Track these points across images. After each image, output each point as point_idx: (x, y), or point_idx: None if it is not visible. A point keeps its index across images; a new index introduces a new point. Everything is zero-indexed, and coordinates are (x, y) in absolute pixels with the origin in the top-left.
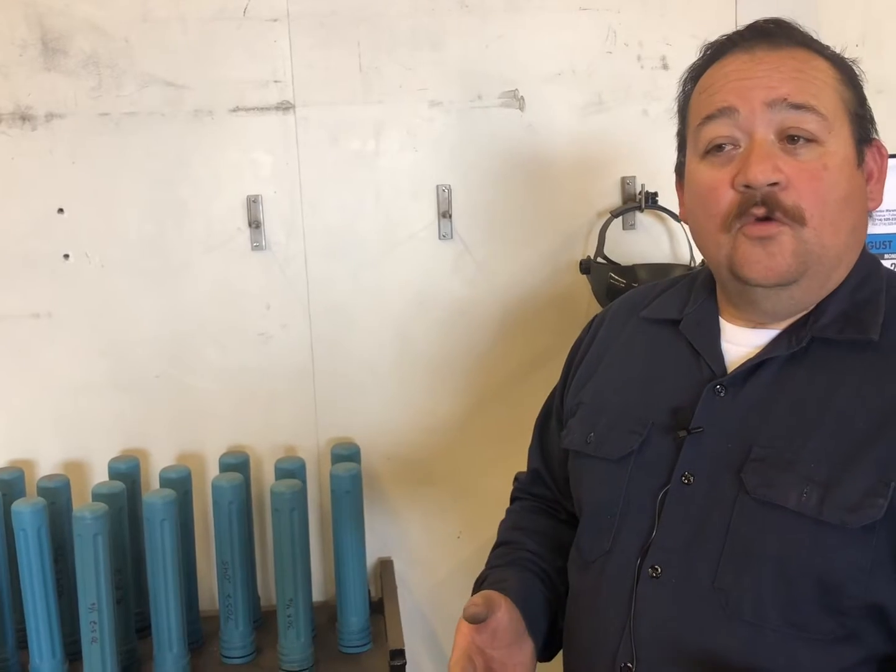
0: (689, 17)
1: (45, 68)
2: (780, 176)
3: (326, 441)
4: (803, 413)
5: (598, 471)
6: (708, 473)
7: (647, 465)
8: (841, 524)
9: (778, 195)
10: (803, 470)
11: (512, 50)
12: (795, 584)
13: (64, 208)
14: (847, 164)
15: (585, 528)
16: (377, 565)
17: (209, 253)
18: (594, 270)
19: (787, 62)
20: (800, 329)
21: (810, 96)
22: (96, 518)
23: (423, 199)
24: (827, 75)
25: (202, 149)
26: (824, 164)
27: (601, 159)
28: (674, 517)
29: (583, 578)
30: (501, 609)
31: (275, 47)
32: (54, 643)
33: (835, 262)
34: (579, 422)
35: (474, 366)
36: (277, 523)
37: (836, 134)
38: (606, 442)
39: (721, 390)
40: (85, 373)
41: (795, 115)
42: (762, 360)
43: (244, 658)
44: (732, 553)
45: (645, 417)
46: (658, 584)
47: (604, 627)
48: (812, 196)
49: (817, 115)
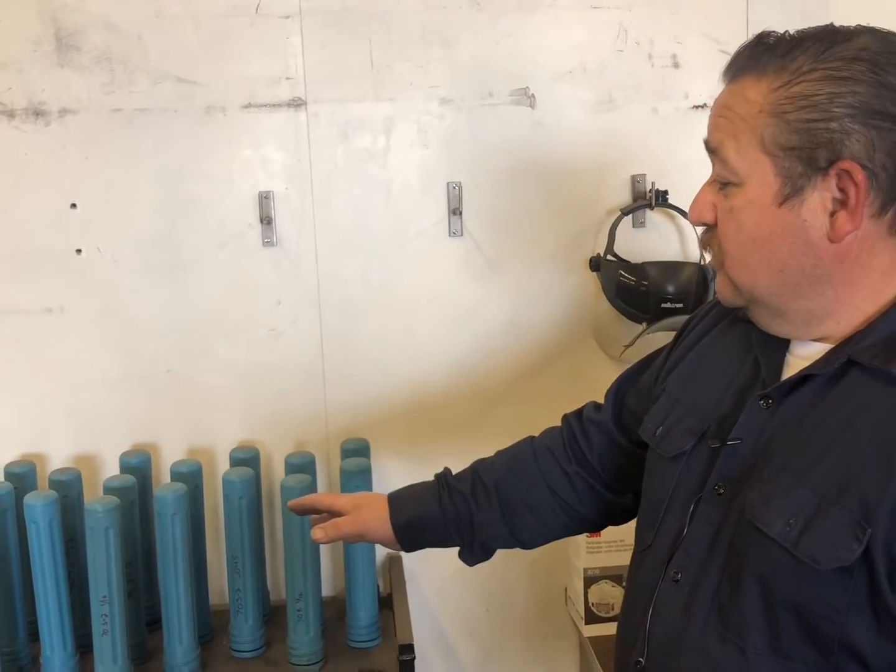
0: (700, 16)
1: (59, 64)
2: (706, 217)
3: (336, 436)
4: (819, 437)
5: (656, 465)
6: (735, 487)
7: (692, 469)
8: (811, 561)
9: (709, 237)
10: (800, 497)
11: (523, 48)
12: (777, 612)
13: (77, 203)
14: (756, 205)
15: (640, 518)
16: (386, 560)
17: (220, 249)
18: (604, 268)
19: (724, 97)
20: (844, 348)
21: (722, 138)
22: (108, 511)
23: (433, 196)
24: (751, 109)
25: (214, 145)
26: (731, 207)
27: (611, 157)
28: (700, 525)
29: (631, 570)
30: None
31: (287, 44)
32: (65, 635)
33: (776, 297)
34: (656, 411)
35: (483, 362)
36: (287, 518)
37: (748, 175)
38: (666, 438)
39: (765, 403)
40: (96, 367)
41: (714, 157)
42: (804, 376)
43: (253, 652)
44: (730, 570)
45: (705, 420)
46: (676, 587)
47: (632, 620)
48: (722, 236)
49: (721, 159)
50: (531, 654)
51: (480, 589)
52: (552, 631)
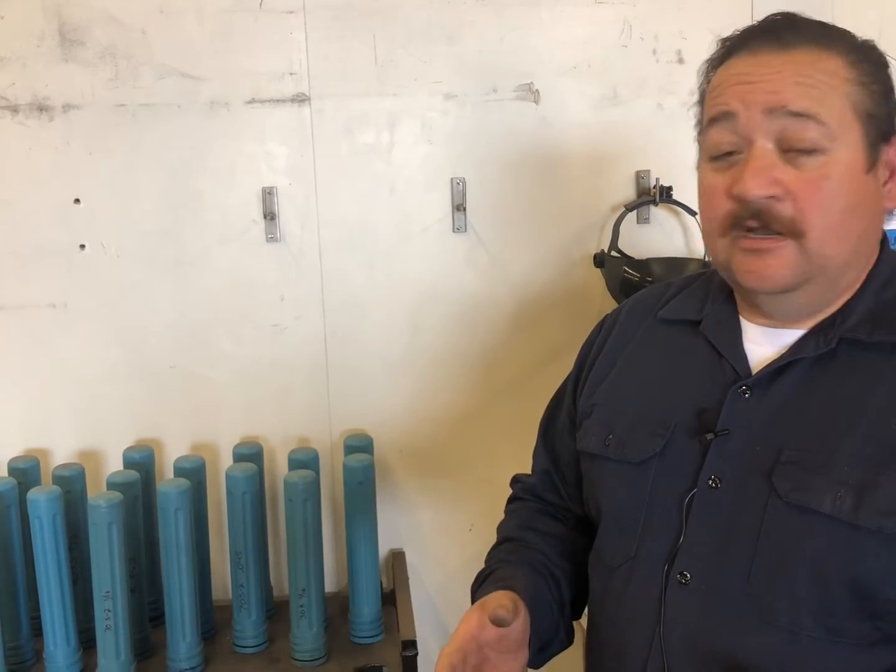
0: (704, 11)
1: (63, 59)
2: (775, 189)
3: (339, 432)
4: (835, 416)
5: (618, 474)
6: (736, 477)
7: (671, 468)
8: (878, 528)
9: (774, 207)
10: (836, 473)
11: (527, 43)
12: (830, 589)
13: (80, 199)
14: (853, 171)
15: (606, 532)
16: (389, 557)
17: (224, 244)
18: (608, 264)
19: (792, 65)
20: (828, 329)
21: (812, 103)
22: (111, 506)
23: (437, 191)
24: (836, 77)
25: (218, 140)
26: (825, 174)
27: (616, 153)
28: (701, 522)
29: (607, 584)
30: (521, 618)
31: (291, 39)
32: (68, 631)
33: (842, 269)
34: (596, 423)
35: (487, 359)
36: (290, 513)
37: (841, 141)
38: (626, 445)
39: (746, 391)
40: (100, 363)
41: (795, 123)
42: (788, 362)
43: (257, 647)
44: (765, 558)
45: (667, 420)
46: (687, 590)
47: (631, 635)
48: (813, 207)
49: (818, 123)
50: None
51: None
52: None
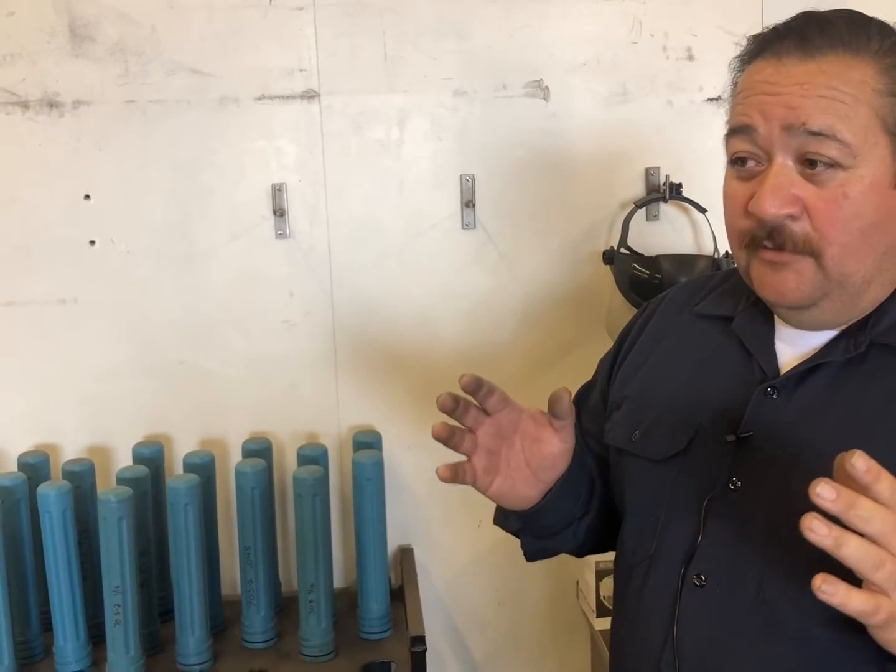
0: (714, 8)
1: (73, 55)
2: (791, 208)
3: (348, 428)
4: (857, 422)
5: (642, 470)
6: (755, 480)
7: (694, 467)
8: None
9: (788, 227)
10: None
11: (537, 40)
12: None
13: (90, 195)
14: (878, 187)
15: (629, 527)
16: (397, 553)
17: (234, 240)
18: (617, 261)
19: (817, 76)
20: (858, 333)
21: (835, 120)
22: (121, 501)
23: (446, 188)
24: (863, 89)
25: (227, 136)
26: (845, 192)
27: (625, 150)
28: (719, 524)
29: (627, 582)
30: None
31: (300, 36)
32: (78, 625)
33: (862, 285)
34: (624, 417)
35: (496, 355)
36: (299, 509)
37: (865, 157)
38: (651, 441)
39: (773, 392)
40: (110, 358)
41: (814, 141)
42: (817, 364)
43: (265, 643)
44: (778, 565)
45: (693, 418)
46: (702, 593)
47: (647, 634)
48: (831, 226)
49: (838, 141)
50: (543, 648)
51: (492, 582)
52: (564, 624)
